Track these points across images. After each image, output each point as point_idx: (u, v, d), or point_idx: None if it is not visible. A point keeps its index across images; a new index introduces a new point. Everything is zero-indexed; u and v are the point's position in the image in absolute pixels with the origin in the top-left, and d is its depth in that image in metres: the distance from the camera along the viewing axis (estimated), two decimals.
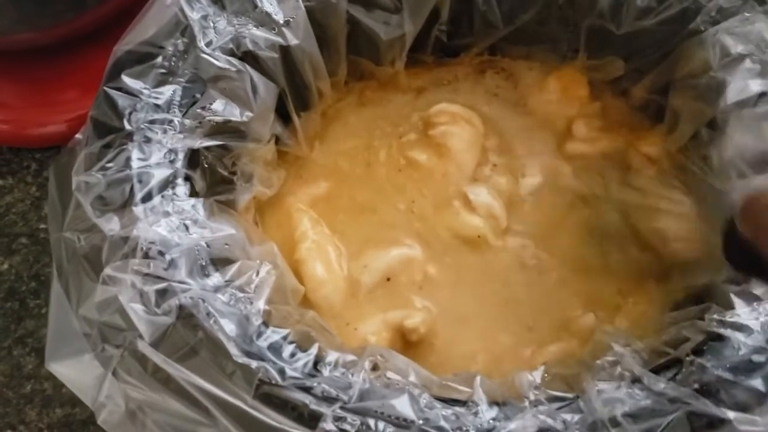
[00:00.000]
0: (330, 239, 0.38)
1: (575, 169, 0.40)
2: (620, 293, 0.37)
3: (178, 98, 0.33)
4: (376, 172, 0.40)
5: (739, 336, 0.27)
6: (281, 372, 0.26)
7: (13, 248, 0.47)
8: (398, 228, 0.39)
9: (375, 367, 0.27)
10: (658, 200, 0.38)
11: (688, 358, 0.27)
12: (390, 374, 0.27)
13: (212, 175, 0.34)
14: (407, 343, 0.36)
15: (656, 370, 0.28)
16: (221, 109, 0.33)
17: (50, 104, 0.51)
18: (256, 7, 0.35)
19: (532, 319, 0.37)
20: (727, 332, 0.27)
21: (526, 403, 0.27)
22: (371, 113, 0.42)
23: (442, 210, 0.39)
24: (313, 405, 0.26)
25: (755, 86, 0.33)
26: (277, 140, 0.39)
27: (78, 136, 0.33)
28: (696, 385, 0.26)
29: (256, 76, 0.34)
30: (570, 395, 0.27)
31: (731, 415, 0.25)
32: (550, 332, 0.36)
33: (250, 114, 0.34)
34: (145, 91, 0.32)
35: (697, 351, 0.28)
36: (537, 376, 0.29)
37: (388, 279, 0.37)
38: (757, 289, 0.28)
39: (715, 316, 0.28)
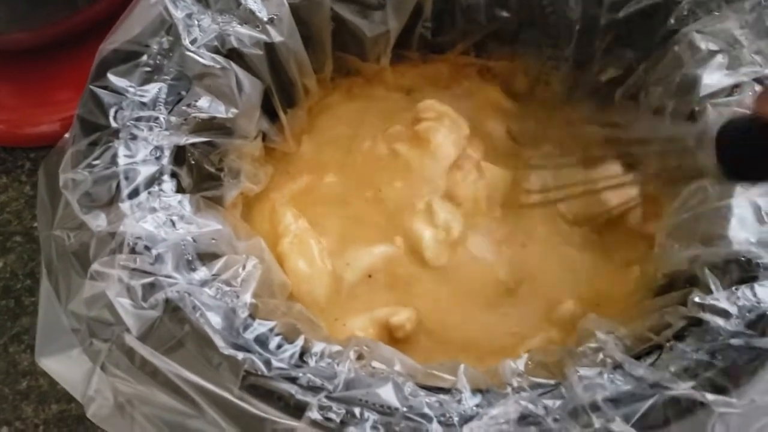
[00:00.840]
0: (312, 234, 0.38)
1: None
2: (596, 279, 0.37)
3: (163, 96, 0.33)
4: (354, 162, 0.41)
5: (718, 320, 0.28)
6: (267, 363, 0.27)
7: (8, 246, 0.48)
8: (366, 221, 0.39)
9: (360, 357, 0.28)
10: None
11: (668, 344, 0.28)
12: (375, 363, 0.28)
13: (199, 171, 0.34)
14: (393, 339, 0.36)
15: (638, 356, 0.28)
16: (206, 106, 0.34)
17: (44, 104, 0.51)
18: (240, 4, 0.35)
19: (515, 314, 0.37)
20: (707, 316, 0.28)
21: (509, 390, 0.27)
22: (359, 106, 0.43)
23: (404, 209, 0.39)
24: (299, 395, 0.26)
25: (728, 79, 0.34)
26: (265, 137, 0.39)
27: (66, 135, 0.33)
28: (674, 370, 0.27)
29: (241, 73, 0.35)
30: (552, 381, 0.28)
31: (709, 398, 0.25)
32: (533, 324, 0.36)
33: (235, 111, 0.34)
34: (131, 89, 0.33)
35: (678, 336, 0.28)
36: (520, 363, 0.29)
37: (370, 276, 0.38)
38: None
39: (696, 300, 0.28)
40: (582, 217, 0.39)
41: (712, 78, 0.33)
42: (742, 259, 0.29)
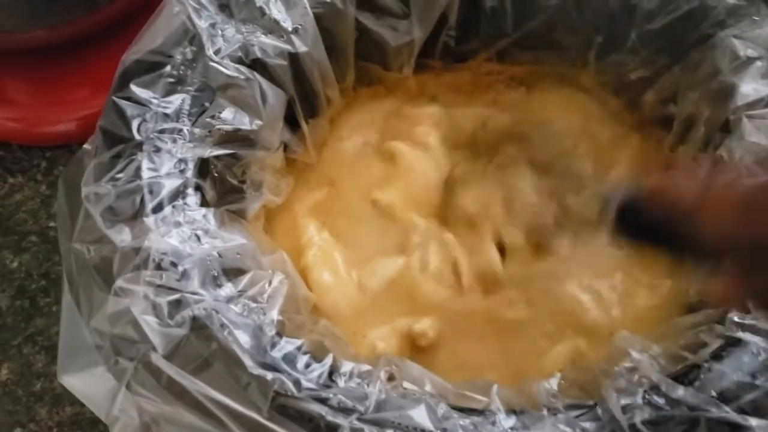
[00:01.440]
0: (335, 245, 0.38)
1: None
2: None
3: (187, 107, 0.32)
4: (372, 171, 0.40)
5: (757, 340, 0.27)
6: (297, 383, 0.26)
7: (23, 246, 0.47)
8: (387, 232, 0.39)
9: (391, 377, 0.27)
10: None
11: (706, 364, 0.27)
12: (406, 384, 0.27)
13: (222, 184, 0.34)
14: (416, 348, 0.36)
15: (674, 377, 0.27)
16: (231, 117, 0.33)
17: (60, 103, 0.51)
18: (264, 14, 0.35)
19: (540, 320, 0.36)
20: (746, 336, 0.27)
21: (544, 412, 0.27)
22: (380, 115, 0.42)
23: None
24: (330, 416, 0.25)
25: (766, 88, 0.33)
26: (286, 147, 0.38)
27: (87, 146, 0.33)
28: (715, 392, 0.26)
29: (265, 84, 0.34)
30: (588, 402, 0.27)
31: (752, 422, 0.25)
32: (557, 331, 0.36)
33: (259, 122, 0.34)
34: (154, 101, 0.32)
35: (716, 356, 0.27)
36: (554, 383, 0.29)
37: (394, 285, 0.37)
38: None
39: (735, 319, 0.28)
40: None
41: (750, 87, 0.33)
42: None
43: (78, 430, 0.41)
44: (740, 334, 0.28)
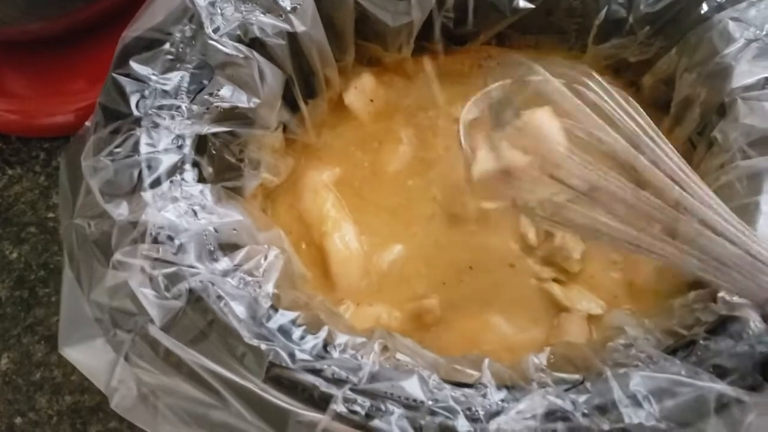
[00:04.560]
0: (349, 218, 0.38)
1: None
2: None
3: (185, 84, 0.33)
4: (381, 152, 0.41)
5: (752, 316, 0.27)
6: (291, 354, 0.26)
7: (22, 237, 0.48)
8: (396, 212, 0.39)
9: (385, 349, 0.28)
10: None
11: (702, 341, 0.27)
12: (399, 356, 0.28)
13: (220, 161, 0.34)
14: (421, 324, 0.36)
15: (670, 352, 0.28)
16: (229, 95, 0.33)
17: (59, 94, 0.51)
18: None
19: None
20: (743, 312, 0.27)
21: (534, 385, 0.27)
22: (384, 96, 0.43)
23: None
24: (324, 387, 0.26)
25: (762, 70, 0.33)
26: (285, 128, 0.39)
27: (87, 123, 0.33)
28: (709, 366, 0.26)
29: (264, 63, 0.34)
30: (577, 377, 0.27)
31: (747, 396, 0.25)
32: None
33: (257, 100, 0.34)
34: (153, 77, 0.32)
35: (711, 332, 0.28)
36: (543, 358, 0.29)
37: (401, 264, 0.38)
38: None
39: (726, 298, 0.28)
40: None
41: (746, 69, 0.33)
42: None
43: (78, 418, 0.42)
44: (735, 312, 0.28)
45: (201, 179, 0.32)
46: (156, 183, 0.30)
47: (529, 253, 0.38)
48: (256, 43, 0.34)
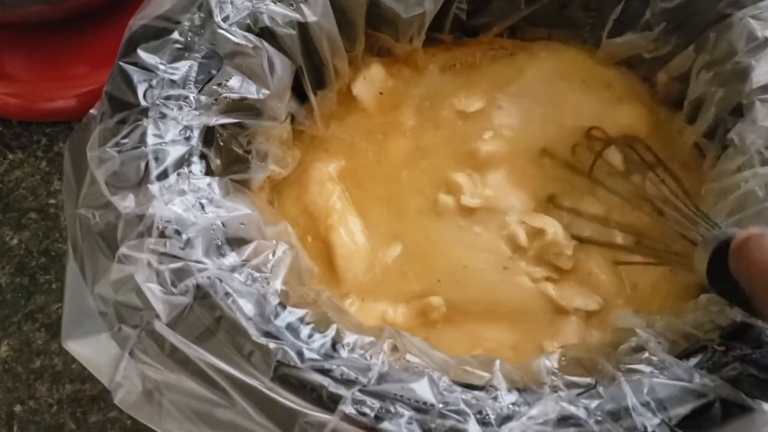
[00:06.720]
0: (355, 211, 0.38)
1: None
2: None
3: (194, 74, 0.32)
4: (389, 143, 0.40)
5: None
6: (300, 353, 0.26)
7: (23, 223, 0.47)
8: (404, 203, 0.39)
9: (394, 349, 0.27)
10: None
11: (716, 347, 0.27)
12: (409, 357, 0.27)
13: (227, 153, 0.33)
14: (426, 321, 0.36)
15: (682, 356, 0.27)
16: (237, 86, 0.33)
17: (60, 79, 0.50)
18: None
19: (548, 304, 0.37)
20: (755, 320, 0.27)
21: (546, 389, 0.27)
22: (394, 87, 0.42)
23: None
24: (332, 387, 0.25)
25: None
26: (293, 119, 0.38)
27: (93, 111, 0.33)
28: (722, 372, 0.26)
29: (273, 53, 0.34)
30: (588, 380, 0.27)
31: (763, 405, 0.25)
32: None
33: (266, 91, 0.34)
34: (161, 67, 0.32)
35: (724, 337, 0.27)
36: (554, 360, 0.29)
37: (406, 257, 0.37)
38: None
39: None
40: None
41: (766, 69, 0.32)
42: None
43: (78, 407, 0.41)
44: (749, 319, 0.27)
45: (208, 171, 0.32)
46: (163, 175, 0.30)
47: (521, 255, 0.37)
48: (265, 33, 0.34)
